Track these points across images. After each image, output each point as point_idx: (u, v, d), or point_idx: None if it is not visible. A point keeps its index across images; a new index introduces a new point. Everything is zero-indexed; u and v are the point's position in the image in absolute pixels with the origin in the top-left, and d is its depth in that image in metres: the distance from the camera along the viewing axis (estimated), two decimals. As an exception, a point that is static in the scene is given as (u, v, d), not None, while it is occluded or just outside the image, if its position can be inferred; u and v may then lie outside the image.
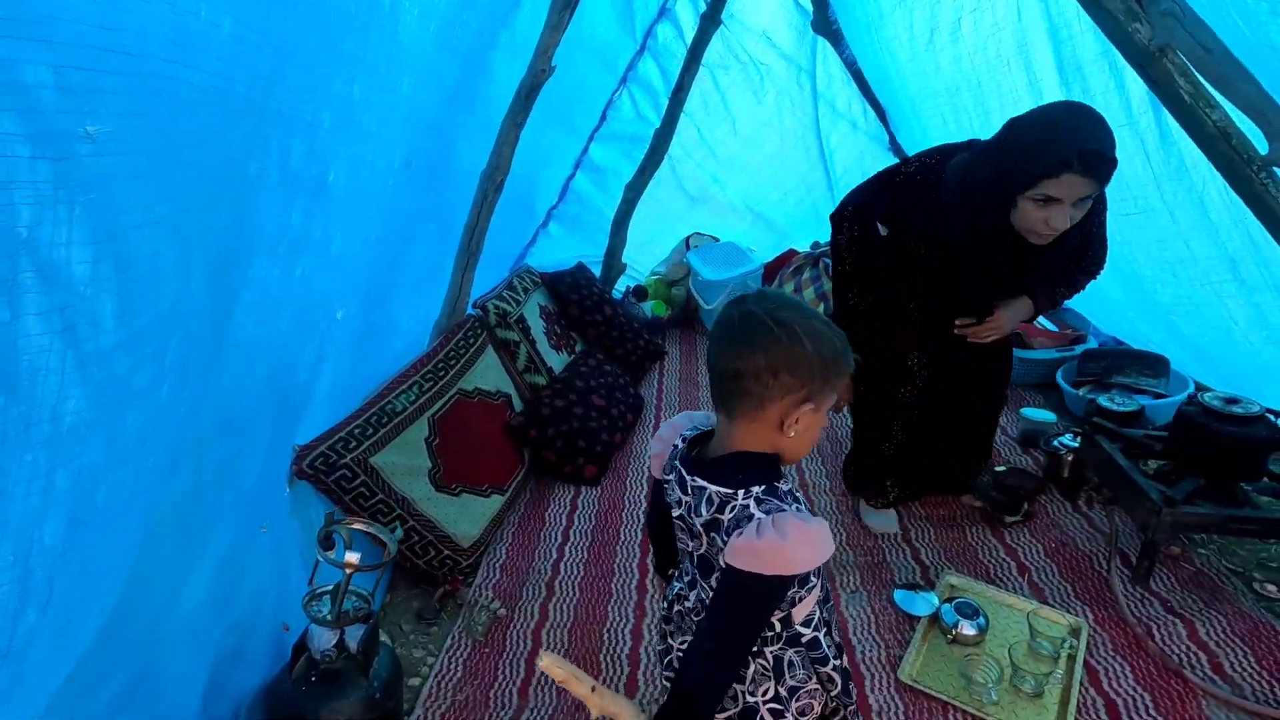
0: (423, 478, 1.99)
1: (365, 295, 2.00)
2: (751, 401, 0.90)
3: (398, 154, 1.89)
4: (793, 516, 0.87)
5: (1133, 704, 1.48)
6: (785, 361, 0.88)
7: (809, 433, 0.93)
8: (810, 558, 0.87)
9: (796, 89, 3.45)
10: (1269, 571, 1.83)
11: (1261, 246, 1.79)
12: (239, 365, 1.27)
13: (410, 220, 2.15)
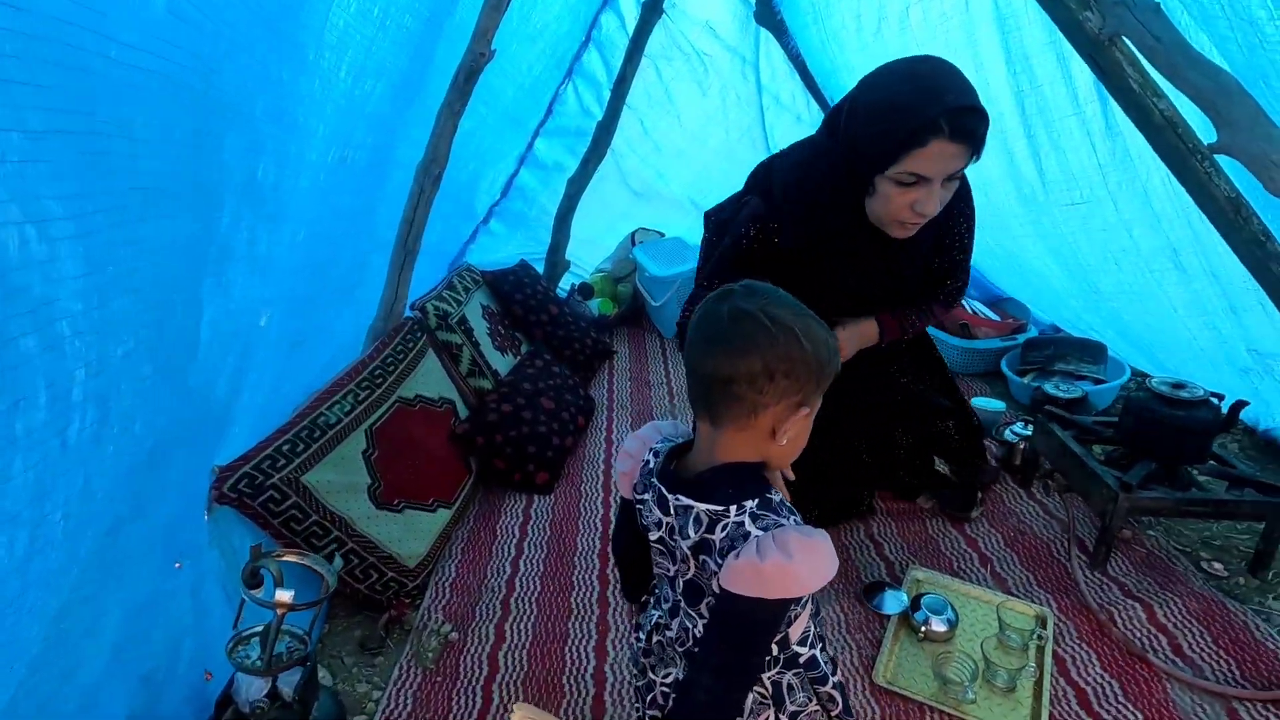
0: (361, 495, 1.83)
1: (293, 301, 1.83)
2: (743, 408, 0.82)
3: (332, 149, 1.73)
4: (794, 531, 0.79)
5: (1102, 692, 1.48)
6: (782, 364, 0.80)
7: (799, 439, 0.87)
8: (819, 576, 0.79)
9: (741, 81, 3.41)
10: (1213, 550, 1.88)
11: (1201, 235, 1.83)
12: (159, 384, 1.12)
13: (344, 219, 1.98)
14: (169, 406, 1.22)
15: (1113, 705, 1.45)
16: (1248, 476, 1.78)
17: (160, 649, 1.18)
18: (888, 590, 1.76)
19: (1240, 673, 1.49)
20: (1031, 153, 2.12)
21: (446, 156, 2.03)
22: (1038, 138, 2.08)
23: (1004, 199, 2.36)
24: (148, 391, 1.09)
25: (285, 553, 1.13)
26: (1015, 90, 2.06)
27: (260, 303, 1.64)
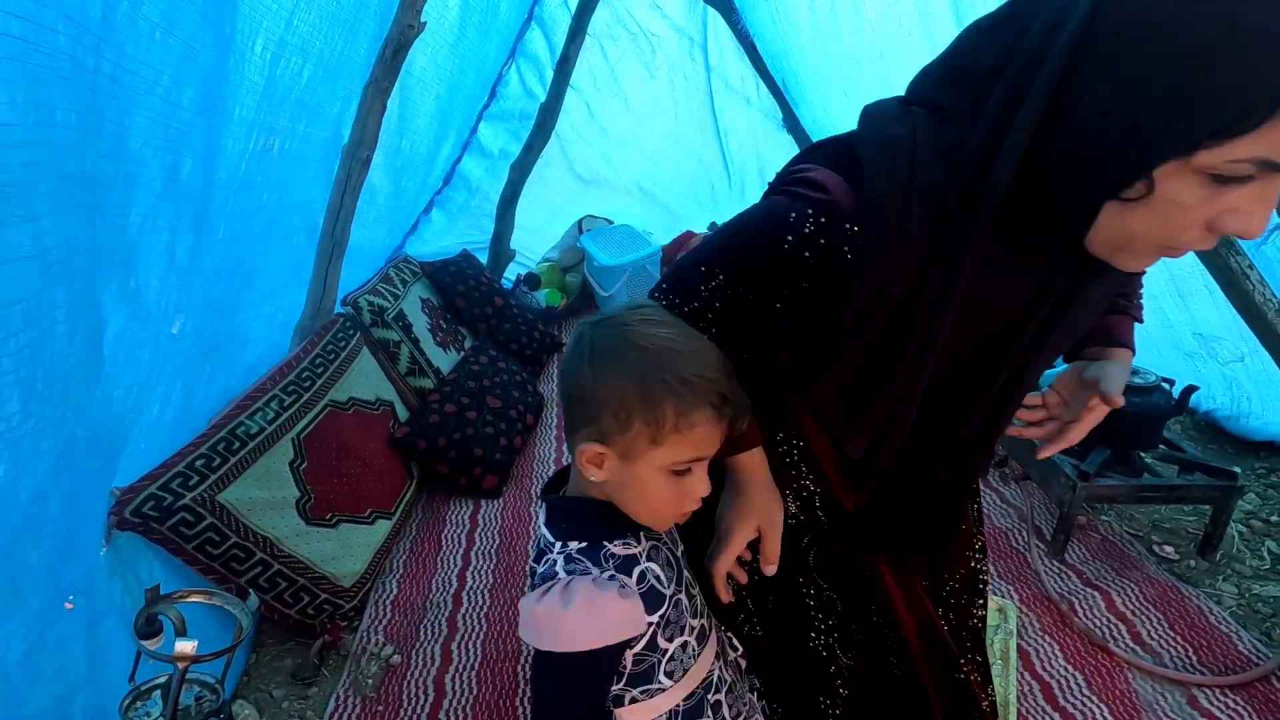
0: (289, 511, 1.68)
1: (210, 303, 1.65)
2: (567, 433, 0.78)
3: (255, 136, 1.56)
4: (587, 584, 0.71)
5: (1066, 685, 1.47)
6: (575, 388, 0.74)
7: (644, 488, 0.74)
8: (597, 634, 0.71)
9: (689, 62, 3.31)
10: (1164, 533, 1.90)
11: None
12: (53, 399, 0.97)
13: (268, 214, 1.81)
14: (55, 427, 1.06)
15: (1078, 698, 1.43)
16: (1197, 461, 1.80)
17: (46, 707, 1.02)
18: (852, 589, 1.72)
19: (1197, 658, 1.50)
20: (986, 137, 2.10)
21: (375, 138, 1.87)
22: (992, 122, 2.05)
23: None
24: (33, 413, 0.93)
25: (189, 593, 0.99)
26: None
27: (173, 309, 1.47)
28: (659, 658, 0.79)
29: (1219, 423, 2.23)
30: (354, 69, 1.88)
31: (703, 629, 0.85)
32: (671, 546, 0.84)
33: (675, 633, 0.80)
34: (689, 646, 0.82)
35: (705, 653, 0.85)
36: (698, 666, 0.84)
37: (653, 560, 0.78)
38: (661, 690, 0.80)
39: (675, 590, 0.80)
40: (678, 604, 0.80)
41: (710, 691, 0.86)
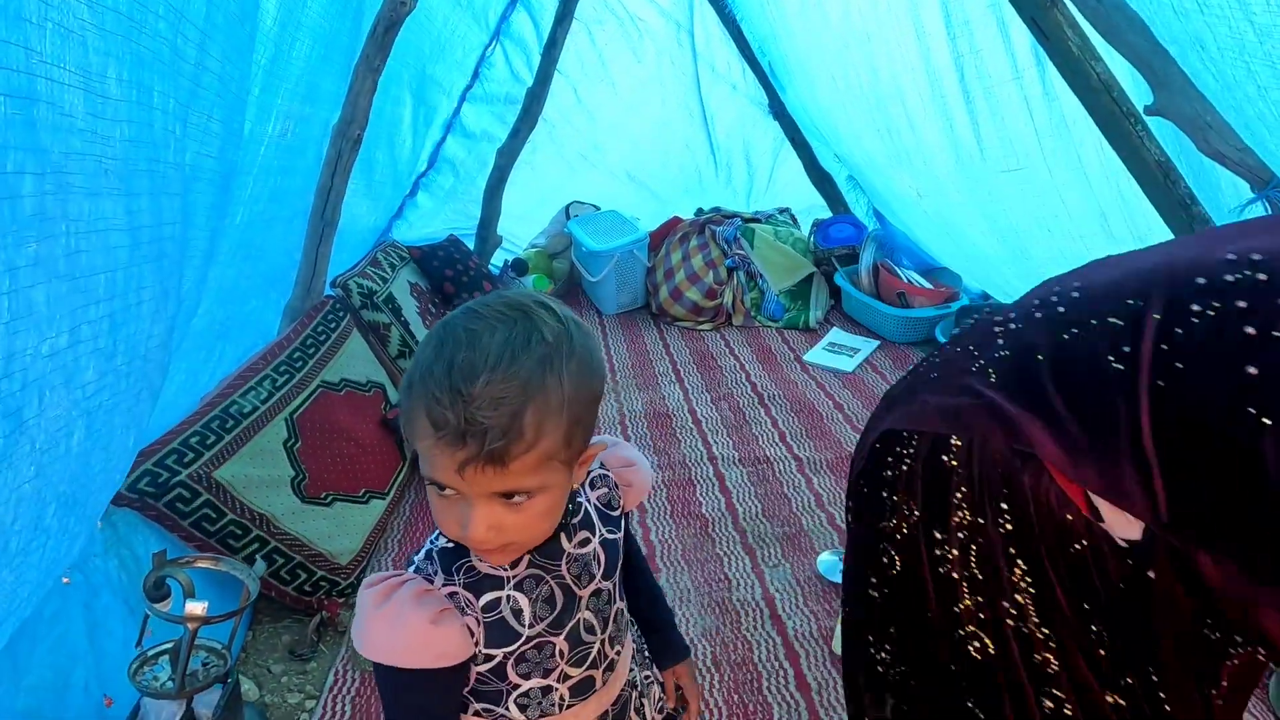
0: (285, 489, 1.68)
1: (223, 288, 1.65)
2: None
3: (274, 121, 1.56)
4: (411, 594, 0.66)
5: (1050, 646, 1.52)
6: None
7: (428, 489, 0.65)
8: (383, 649, 0.65)
9: (676, 48, 3.32)
10: (1140, 503, 1.96)
11: (1129, 200, 1.88)
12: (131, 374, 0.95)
13: (278, 200, 1.81)
14: (130, 403, 1.04)
15: (1061, 658, 1.48)
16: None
17: (44, 677, 1.02)
18: (842, 559, 1.76)
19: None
20: (971, 119, 2.14)
21: (366, 117, 1.86)
22: (976, 104, 2.09)
23: (943, 166, 2.38)
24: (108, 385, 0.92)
25: (196, 559, 0.99)
26: (955, 56, 2.06)
27: (191, 298, 1.47)
28: (508, 688, 0.72)
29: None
30: (350, 47, 1.87)
31: (587, 680, 0.75)
32: (575, 581, 0.73)
33: (535, 673, 0.72)
34: (554, 693, 0.74)
35: (581, 707, 0.76)
36: (562, 718, 0.75)
37: (524, 591, 0.69)
38: (508, 718, 0.73)
39: (547, 632, 0.71)
40: (542, 647, 0.71)
41: None
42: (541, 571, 0.71)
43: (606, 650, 0.77)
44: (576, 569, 0.73)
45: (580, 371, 0.62)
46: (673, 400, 2.63)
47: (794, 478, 2.14)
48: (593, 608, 0.74)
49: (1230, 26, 1.16)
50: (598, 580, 0.75)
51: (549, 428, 0.60)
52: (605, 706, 0.78)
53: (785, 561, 1.80)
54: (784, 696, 1.42)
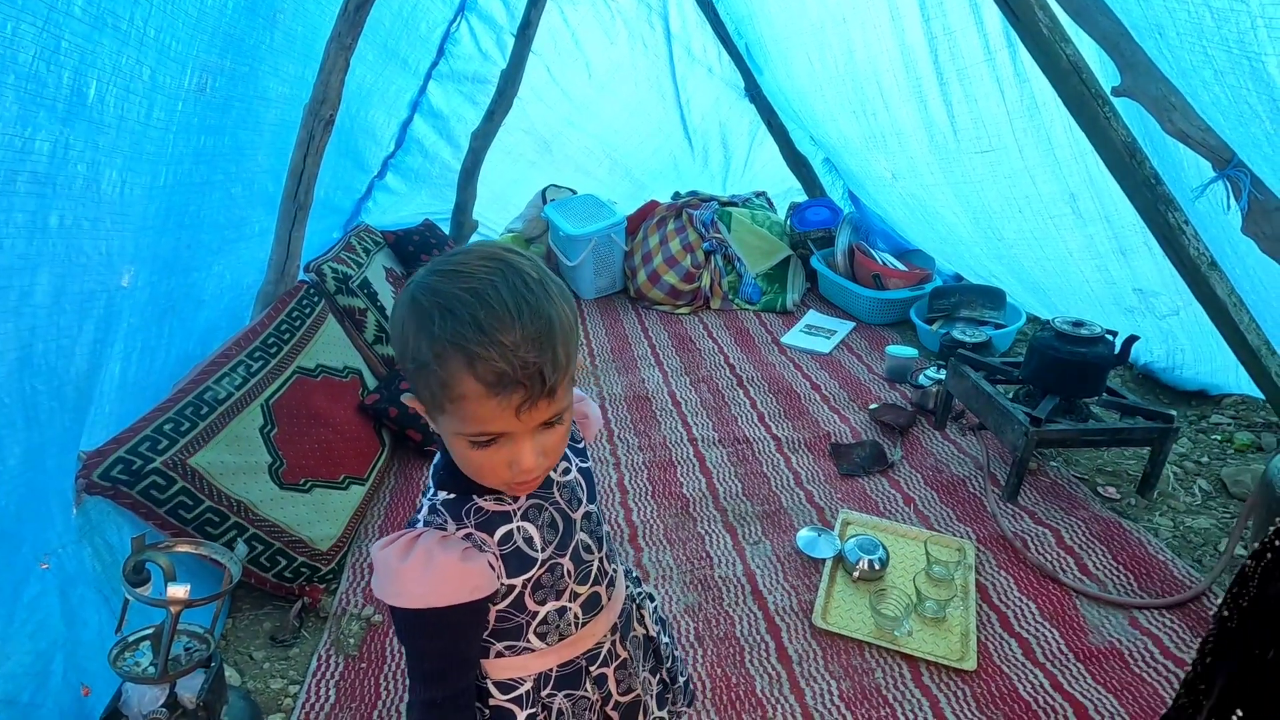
0: (263, 475, 1.66)
1: (159, 257, 1.60)
2: None
3: (189, 72, 1.50)
4: (432, 541, 0.68)
5: (1021, 614, 1.57)
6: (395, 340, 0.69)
7: (455, 452, 0.68)
8: (422, 594, 0.68)
9: (649, 30, 3.29)
10: (1107, 476, 2.03)
11: (1097, 180, 1.92)
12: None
13: (207, 162, 1.74)
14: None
15: (1032, 624, 1.54)
16: (1137, 405, 1.92)
17: (21, 666, 1.00)
18: (821, 535, 1.79)
19: (1137, 585, 1.62)
20: (944, 101, 2.16)
21: (339, 97, 1.82)
22: (950, 85, 2.11)
23: (917, 148, 2.41)
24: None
25: (176, 543, 0.98)
26: (929, 37, 2.07)
27: (120, 258, 1.42)
28: (527, 619, 0.76)
29: (1156, 374, 2.37)
30: (291, 10, 1.80)
31: (594, 597, 0.81)
32: (567, 505, 0.78)
33: (549, 597, 0.76)
34: (569, 613, 0.78)
35: (594, 623, 0.82)
36: (580, 635, 0.80)
37: (530, 520, 0.74)
38: (530, 650, 0.78)
39: (555, 554, 0.76)
40: (554, 569, 0.76)
41: (594, 664, 0.83)
42: (540, 500, 0.76)
43: (605, 567, 0.83)
44: (566, 494, 0.79)
45: (565, 296, 0.67)
46: (652, 383, 2.64)
47: (773, 457, 2.17)
48: (585, 529, 0.81)
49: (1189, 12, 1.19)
50: (585, 504, 0.82)
51: (572, 350, 0.66)
52: (614, 619, 0.85)
53: (765, 539, 1.82)
54: (766, 668, 1.45)
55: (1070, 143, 1.90)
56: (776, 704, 1.37)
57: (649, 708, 0.91)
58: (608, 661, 0.84)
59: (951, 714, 1.34)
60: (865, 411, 2.37)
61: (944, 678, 1.42)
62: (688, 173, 3.84)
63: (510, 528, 0.73)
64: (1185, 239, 1.81)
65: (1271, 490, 1.28)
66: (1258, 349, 1.88)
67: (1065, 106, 1.77)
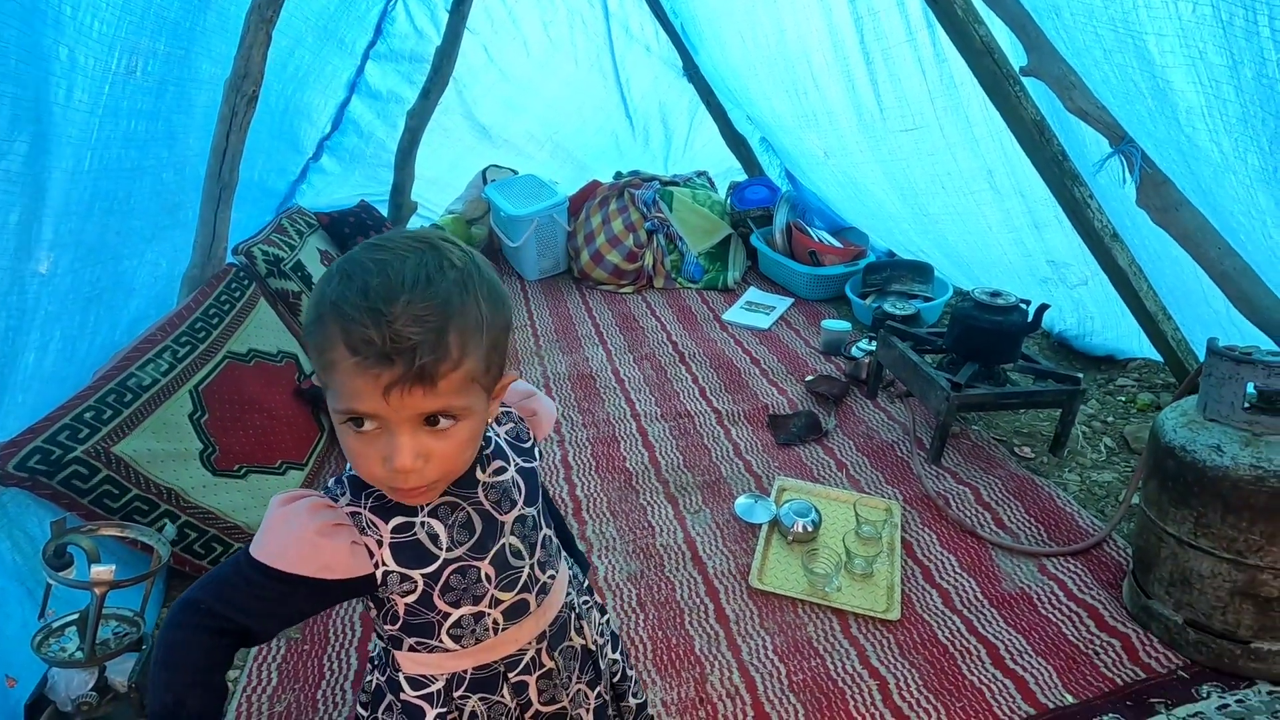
0: (194, 462, 1.62)
1: (83, 243, 1.54)
2: None
3: (117, 55, 1.44)
4: (310, 505, 0.68)
5: (942, 566, 1.67)
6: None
7: (340, 432, 0.64)
8: (272, 550, 0.67)
9: (588, 7, 3.28)
10: (1023, 437, 2.16)
11: (1011, 156, 2.02)
12: None
13: (138, 146, 1.69)
14: None
15: (951, 576, 1.64)
16: (1048, 370, 2.05)
17: (-59, 659, 0.98)
18: (758, 502, 1.86)
19: (1047, 535, 1.74)
20: (871, 79, 2.23)
21: (261, 72, 1.77)
22: (875, 64, 2.18)
23: (846, 126, 2.48)
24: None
25: (100, 525, 0.97)
26: (855, 17, 2.13)
27: (37, 244, 1.36)
28: (437, 618, 0.73)
29: (1069, 341, 2.52)
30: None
31: (520, 604, 0.78)
32: (494, 507, 0.75)
33: (464, 600, 0.73)
34: (487, 618, 0.75)
35: (516, 629, 0.78)
36: (499, 640, 0.78)
37: (438, 518, 0.71)
38: (444, 650, 0.75)
39: (469, 556, 0.72)
40: (466, 572, 0.72)
41: (514, 670, 0.80)
42: (456, 499, 0.73)
43: (537, 574, 0.79)
44: (495, 495, 0.75)
45: (492, 297, 0.64)
46: (596, 361, 2.67)
47: (714, 429, 2.23)
48: (517, 533, 0.77)
49: (1083, -8, 1.26)
50: (520, 506, 0.77)
51: (471, 347, 0.61)
52: (542, 627, 0.81)
53: (705, 507, 1.88)
54: (704, 628, 1.51)
55: (986, 120, 1.99)
56: (714, 660, 1.44)
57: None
58: (530, 669, 0.81)
59: (877, 660, 1.43)
60: (802, 383, 2.45)
61: (870, 628, 1.51)
62: (629, 152, 3.86)
63: (411, 520, 0.70)
64: (1090, 212, 1.93)
65: (1157, 439, 1.40)
66: (1155, 315, 2.03)
67: (980, 85, 1.86)
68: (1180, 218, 1.53)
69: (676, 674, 1.41)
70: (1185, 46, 1.12)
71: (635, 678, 1.02)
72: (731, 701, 1.35)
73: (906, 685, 1.37)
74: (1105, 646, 1.43)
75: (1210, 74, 1.14)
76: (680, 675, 1.40)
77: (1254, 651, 1.31)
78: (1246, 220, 1.37)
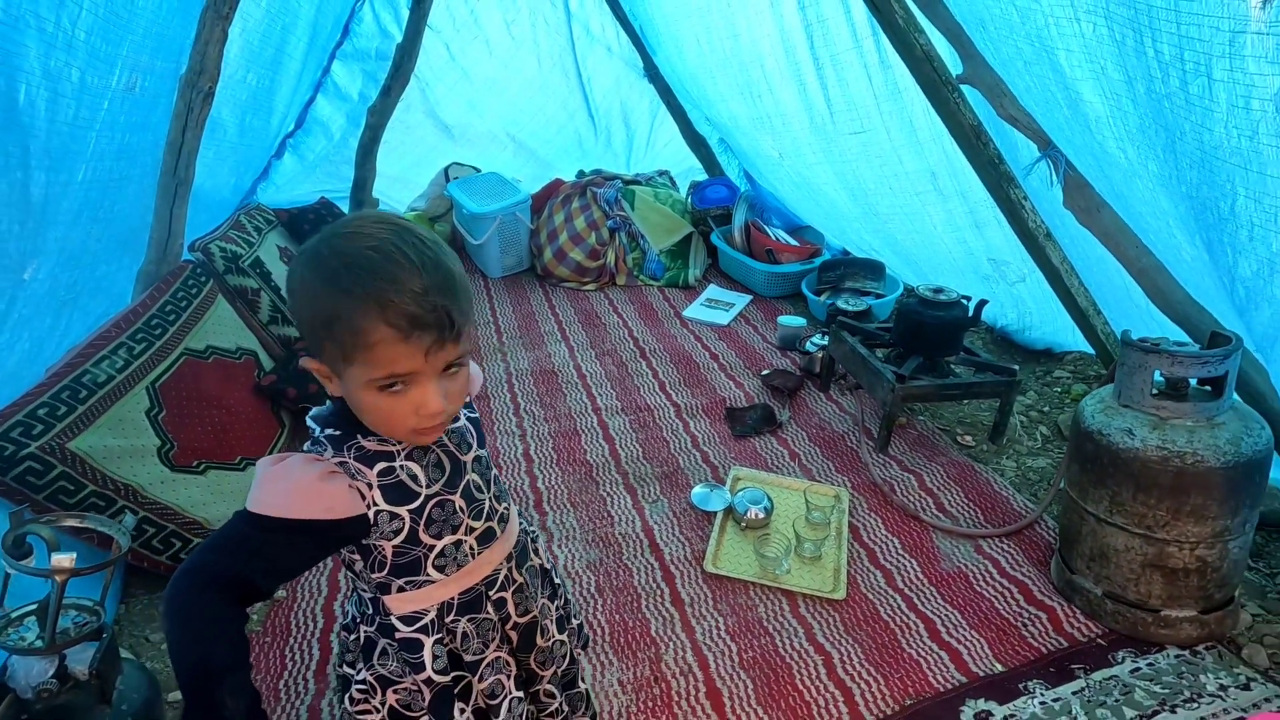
0: (151, 458, 1.62)
1: (66, 250, 1.55)
2: None
3: (117, 71, 1.46)
4: (302, 458, 0.76)
5: (886, 549, 1.76)
6: (289, 303, 0.77)
7: (361, 403, 0.74)
8: (273, 501, 0.74)
9: (550, 7, 3.31)
10: (965, 426, 2.27)
11: (953, 159, 2.13)
12: None
13: (129, 158, 1.70)
14: None
15: (895, 557, 1.73)
16: (988, 362, 2.16)
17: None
18: (713, 491, 1.93)
19: (984, 518, 1.84)
20: (821, 83, 2.32)
21: (217, 69, 1.77)
22: (825, 69, 2.27)
23: (799, 128, 2.57)
24: None
25: (60, 516, 0.98)
26: (805, 24, 2.21)
27: (27, 255, 1.37)
28: (424, 552, 0.82)
29: (1010, 335, 2.65)
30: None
31: (488, 531, 0.89)
32: (457, 449, 0.85)
33: (445, 531, 0.83)
34: (464, 545, 0.85)
35: (489, 552, 0.89)
36: (477, 563, 0.88)
37: (414, 460, 0.80)
38: (430, 582, 0.84)
39: (444, 491, 0.82)
40: (444, 504, 0.82)
41: (493, 589, 0.91)
42: (426, 445, 0.83)
43: (495, 505, 0.91)
44: (456, 439, 0.87)
45: (455, 258, 0.77)
46: (559, 358, 2.71)
47: (673, 423, 2.29)
48: (476, 470, 0.89)
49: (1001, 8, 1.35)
50: (475, 449, 0.90)
51: (469, 300, 0.76)
52: (509, 548, 0.94)
53: (663, 497, 1.94)
54: (660, 611, 1.57)
55: (929, 125, 2.09)
56: (669, 641, 1.50)
57: (548, 630, 1.00)
58: (505, 586, 0.93)
59: (823, 637, 1.51)
60: (758, 377, 2.53)
61: (817, 607, 1.58)
62: (592, 151, 3.90)
63: (392, 464, 0.79)
64: (1025, 213, 2.04)
65: (1078, 424, 1.50)
66: (1086, 310, 2.15)
67: (922, 91, 1.95)
68: (1101, 218, 1.64)
69: (633, 655, 1.46)
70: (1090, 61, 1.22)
71: (573, 601, 1.18)
72: (685, 679, 1.41)
73: (849, 659, 1.45)
74: (1033, 619, 1.53)
75: (1111, 88, 1.24)
76: (636, 656, 1.46)
77: (1164, 619, 1.43)
78: (1154, 221, 1.48)
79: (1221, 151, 1.06)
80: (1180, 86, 1.06)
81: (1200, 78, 1.01)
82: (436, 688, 0.88)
